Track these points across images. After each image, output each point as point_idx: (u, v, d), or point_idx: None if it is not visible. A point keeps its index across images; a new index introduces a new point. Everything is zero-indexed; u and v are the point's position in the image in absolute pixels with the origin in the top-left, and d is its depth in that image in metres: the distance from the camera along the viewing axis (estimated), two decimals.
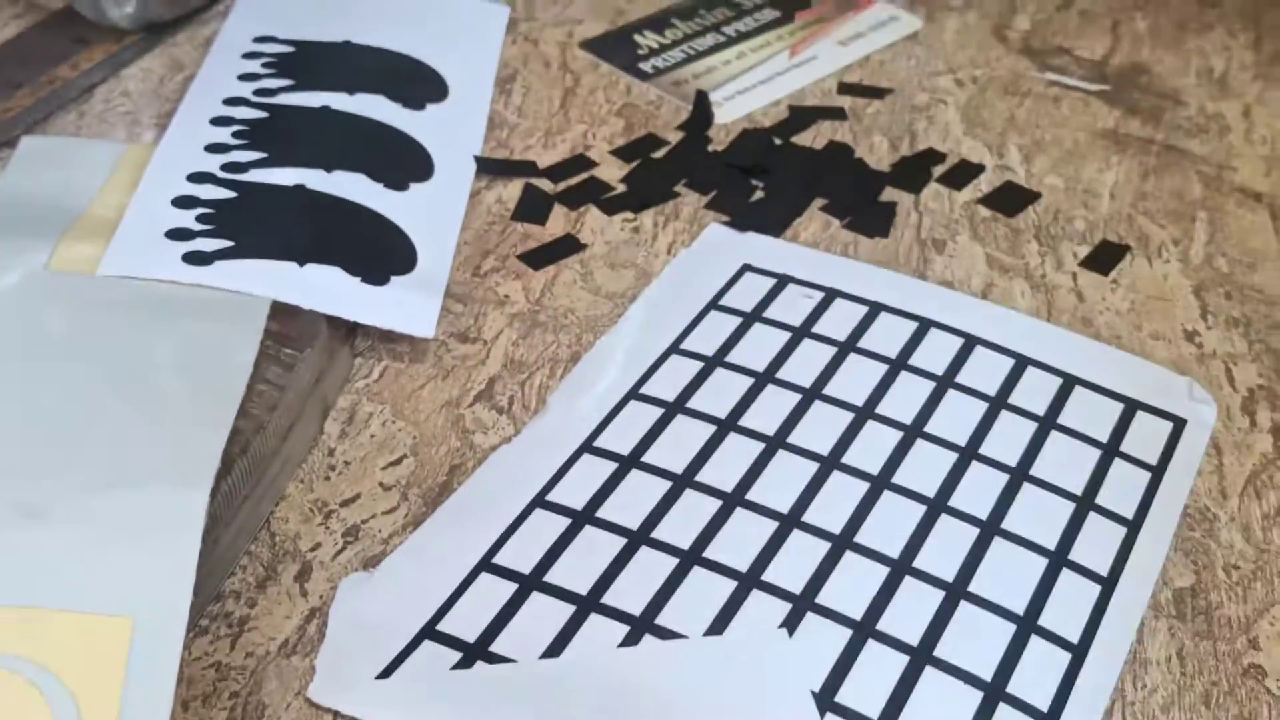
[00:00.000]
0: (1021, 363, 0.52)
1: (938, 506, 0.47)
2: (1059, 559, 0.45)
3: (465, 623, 0.43)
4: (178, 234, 0.52)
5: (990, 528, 0.46)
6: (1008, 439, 0.49)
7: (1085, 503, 0.47)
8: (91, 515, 0.40)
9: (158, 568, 0.39)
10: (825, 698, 0.41)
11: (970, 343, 0.53)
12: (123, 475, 0.42)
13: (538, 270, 0.57)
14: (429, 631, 0.42)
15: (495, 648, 0.42)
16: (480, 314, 0.54)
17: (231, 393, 0.45)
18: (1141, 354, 0.54)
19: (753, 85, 0.68)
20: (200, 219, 0.53)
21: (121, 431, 0.43)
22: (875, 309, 0.54)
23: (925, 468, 0.48)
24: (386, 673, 0.41)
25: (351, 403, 0.50)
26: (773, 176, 0.62)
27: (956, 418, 0.50)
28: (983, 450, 0.49)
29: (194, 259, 0.50)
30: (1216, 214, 0.61)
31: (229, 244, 0.51)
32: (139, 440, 0.43)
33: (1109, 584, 0.45)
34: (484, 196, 0.60)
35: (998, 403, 0.50)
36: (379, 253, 0.53)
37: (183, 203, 0.53)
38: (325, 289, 0.51)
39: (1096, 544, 0.46)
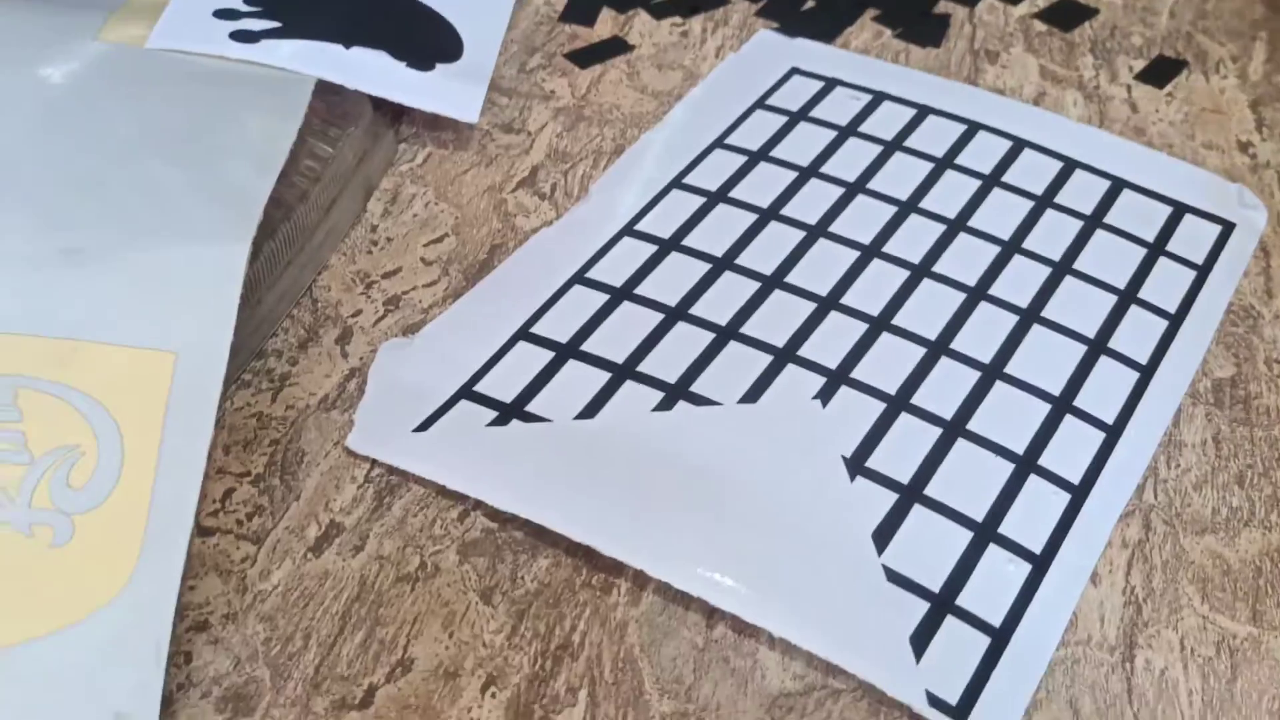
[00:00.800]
0: (1070, 166, 0.52)
1: (978, 294, 0.46)
2: (1098, 346, 0.45)
3: (502, 385, 0.43)
4: (225, 14, 0.52)
5: (1030, 316, 0.46)
6: (1052, 235, 0.49)
7: (1128, 296, 0.47)
8: (136, 261, 0.41)
9: (200, 309, 0.40)
10: (856, 463, 0.41)
11: (1019, 145, 0.52)
12: (167, 228, 0.42)
13: (584, 69, 0.56)
14: (466, 391, 0.43)
15: (531, 408, 0.42)
16: (525, 107, 0.54)
17: (275, 157, 0.45)
18: (1194, 163, 0.53)
19: None
20: (248, 0, 0.52)
21: (166, 189, 0.43)
22: (923, 111, 0.54)
23: (966, 259, 0.48)
24: (423, 427, 0.42)
25: (395, 184, 0.51)
26: None
27: (1001, 214, 0.49)
28: (1026, 244, 0.48)
29: (241, 37, 0.50)
30: (1278, 34, 0.60)
31: (276, 24, 0.51)
32: (183, 198, 0.43)
33: (1147, 372, 0.44)
34: None
35: (1044, 202, 0.50)
36: (425, 39, 0.53)
37: None
38: (371, 71, 0.51)
39: (1136, 335, 0.46)
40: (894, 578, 0.38)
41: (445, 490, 0.40)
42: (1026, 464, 0.41)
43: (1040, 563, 0.39)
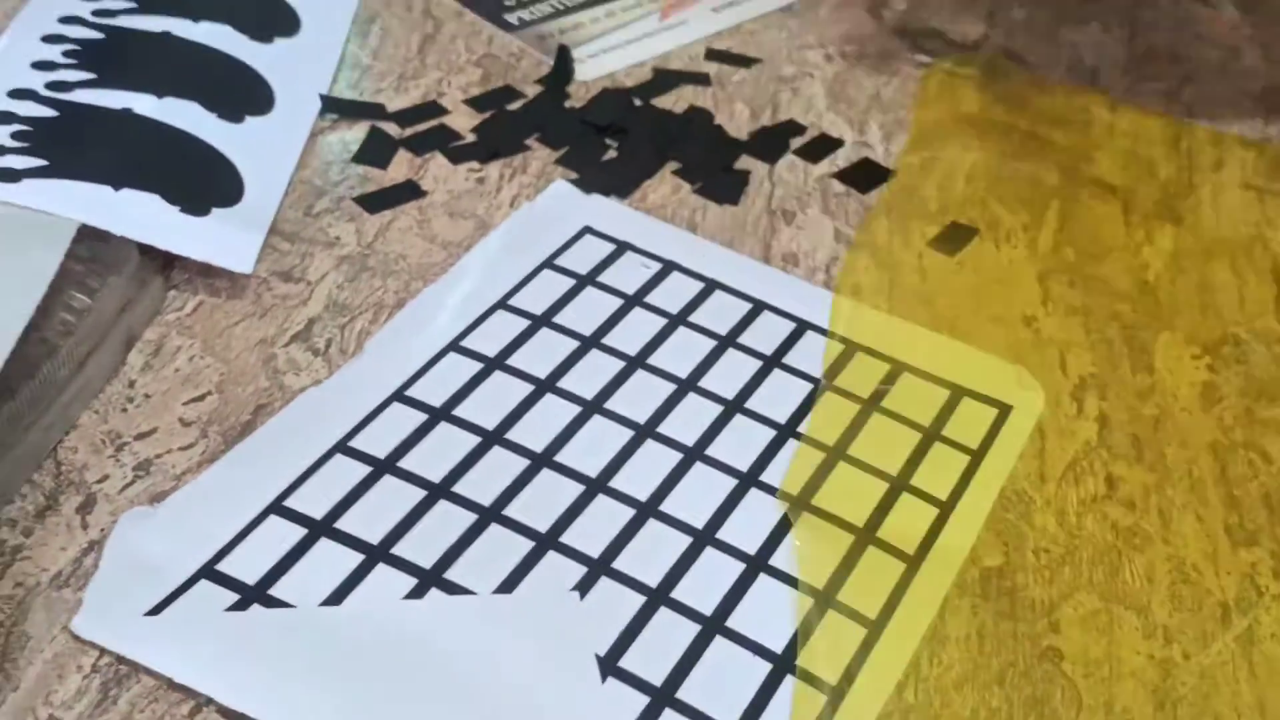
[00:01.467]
0: (851, 349, 0.51)
1: (750, 480, 0.46)
2: (868, 535, 0.44)
3: (246, 565, 0.41)
4: None
5: (800, 504, 0.45)
6: (831, 419, 0.48)
7: (899, 483, 0.46)
8: None
9: None
10: (610, 661, 0.40)
11: (801, 327, 0.52)
12: None
13: (373, 214, 0.55)
14: (207, 571, 0.41)
15: (275, 590, 0.40)
16: (307, 254, 0.53)
17: (19, 313, 0.43)
18: (979, 335, 0.53)
19: (619, 44, 0.67)
20: (15, 135, 0.50)
21: None
22: (711, 286, 0.53)
23: (740, 444, 0.47)
24: (156, 610, 0.40)
25: (160, 335, 0.48)
26: (628, 137, 0.61)
27: (777, 397, 0.49)
28: (801, 428, 0.48)
29: (3, 176, 0.48)
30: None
31: (42, 163, 0.49)
32: None
33: (915, 562, 0.44)
34: (327, 136, 0.58)
35: (823, 384, 0.50)
36: (202, 182, 0.52)
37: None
38: (139, 215, 0.49)
39: (906, 522, 0.45)
40: None
41: (177, 683, 0.38)
42: (785, 662, 0.40)
43: None
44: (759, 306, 0.52)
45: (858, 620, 0.42)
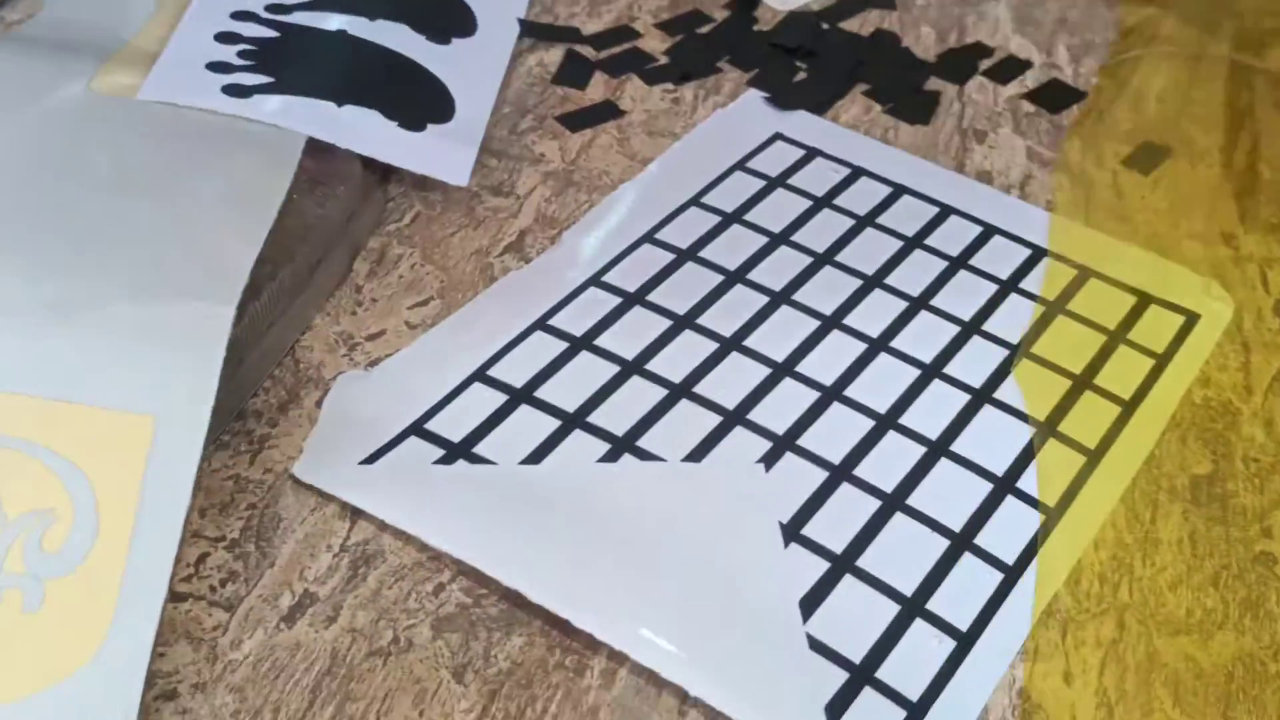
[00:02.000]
0: (1038, 254, 0.52)
1: (932, 371, 0.47)
2: (1048, 429, 0.45)
3: (452, 424, 0.44)
4: (218, 67, 0.51)
5: (982, 396, 0.46)
6: (1011, 317, 0.49)
7: (1082, 381, 0.47)
8: (120, 320, 0.40)
9: (182, 372, 0.39)
10: (792, 529, 0.41)
11: (988, 231, 0.53)
12: (153, 285, 0.42)
13: (575, 133, 0.56)
14: (416, 428, 0.43)
15: (479, 449, 0.43)
16: (515, 170, 0.54)
17: (262, 218, 0.45)
18: (1176, 252, 0.53)
19: None
20: (241, 55, 0.52)
21: (153, 245, 0.43)
22: (899, 190, 0.54)
23: (924, 337, 0.48)
24: (370, 460, 0.42)
25: (382, 244, 0.51)
26: (817, 59, 0.61)
27: (963, 295, 0.50)
28: (986, 326, 0.49)
29: (233, 91, 0.50)
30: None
31: (268, 79, 0.51)
32: (170, 255, 0.43)
33: (1095, 456, 0.45)
34: (525, 59, 0.60)
35: (1008, 285, 0.50)
36: (417, 100, 0.53)
37: (225, 38, 0.53)
38: (361, 130, 0.51)
39: (1087, 421, 0.46)
40: (816, 646, 0.39)
41: (421, 563, 0.40)
42: (962, 542, 0.42)
43: (966, 640, 0.39)
44: (946, 211, 0.53)
45: (1034, 506, 0.43)
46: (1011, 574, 0.41)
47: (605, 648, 0.38)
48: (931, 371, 0.47)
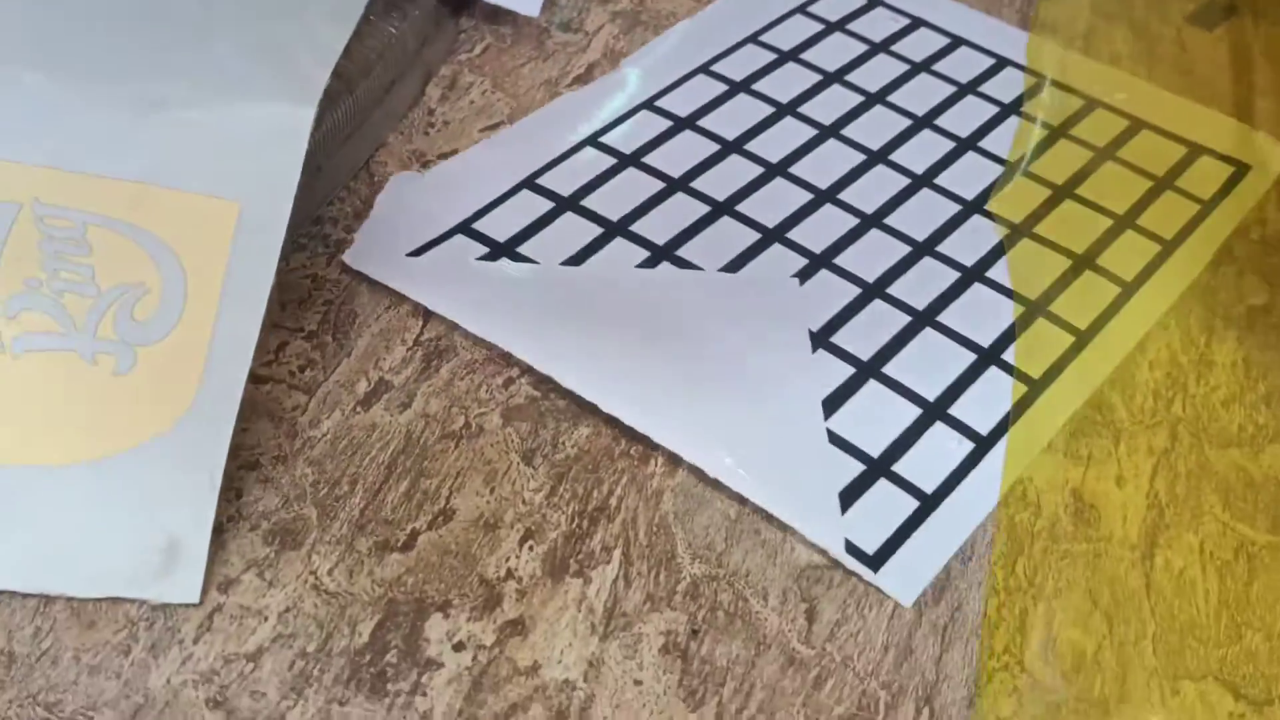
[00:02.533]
0: (1091, 104, 0.53)
1: (973, 207, 0.48)
2: (1084, 262, 0.46)
3: (499, 225, 0.45)
4: None
5: (1021, 230, 0.47)
6: (1059, 161, 0.50)
7: (1126, 221, 0.48)
8: (208, 115, 0.42)
9: (266, 165, 0.41)
10: (821, 337, 0.43)
11: (1041, 82, 0.53)
12: (242, 85, 0.43)
13: None
14: (463, 227, 0.45)
15: (522, 249, 0.44)
16: (584, 8, 0.55)
17: (342, 29, 0.46)
18: (1237, 106, 0.53)
19: None
20: None
21: (240, 53, 0.44)
22: (957, 41, 0.55)
23: (968, 177, 0.49)
24: (417, 252, 0.44)
25: (453, 71, 0.51)
26: None
27: (1010, 139, 0.51)
28: (1031, 168, 0.49)
29: None
30: None
31: None
32: (257, 59, 0.44)
33: (1130, 288, 0.45)
34: None
35: (1058, 132, 0.51)
36: None
37: None
38: None
39: (1128, 256, 0.47)
40: (835, 440, 0.40)
41: (492, 359, 0.42)
42: (989, 356, 0.43)
43: (984, 443, 0.40)
44: (1002, 62, 0.54)
45: (1065, 329, 0.44)
46: (1036, 386, 0.42)
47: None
48: (972, 208, 0.48)
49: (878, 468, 0.39)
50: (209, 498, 0.36)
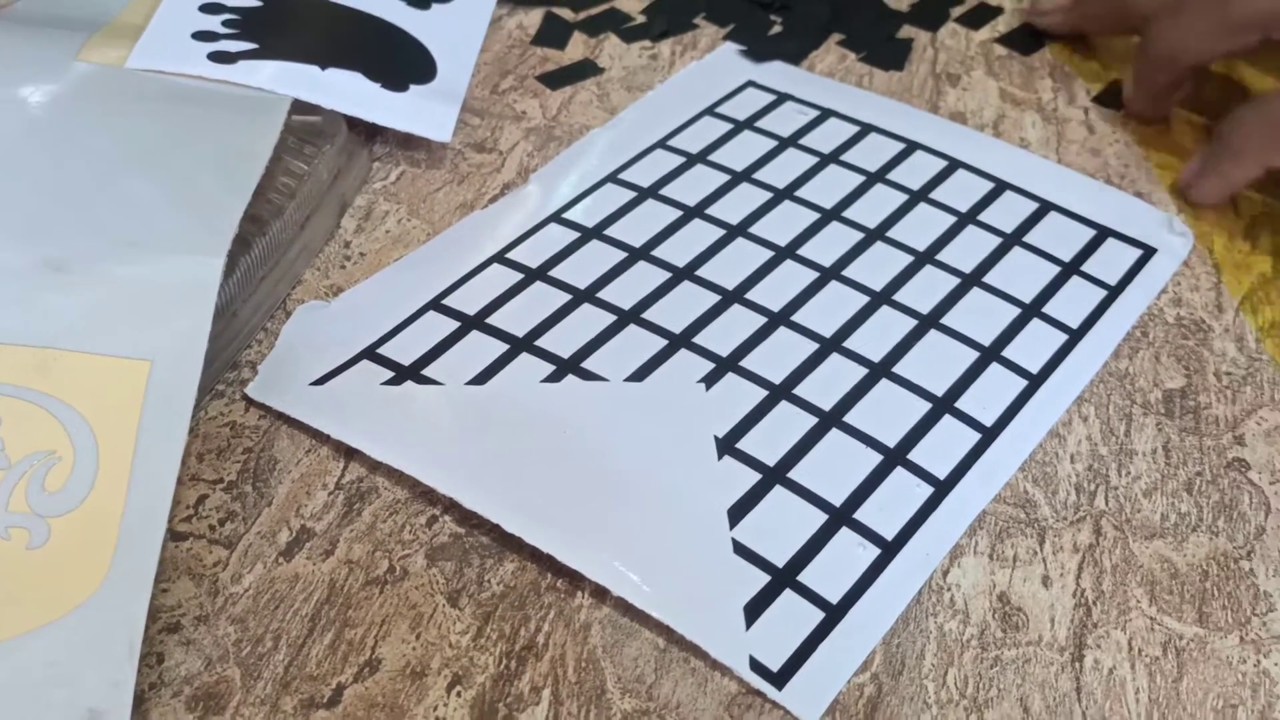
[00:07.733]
0: (1000, 187, 0.53)
1: (881, 299, 0.48)
2: (991, 354, 0.46)
3: (404, 348, 0.45)
4: (204, 35, 0.53)
5: (928, 322, 0.47)
6: (967, 249, 0.50)
7: (1031, 310, 0.48)
8: (115, 272, 0.42)
9: (176, 320, 0.41)
10: (727, 443, 0.43)
11: (953, 165, 0.54)
12: (145, 241, 0.43)
13: (555, 90, 0.58)
14: (369, 353, 0.45)
15: (427, 371, 0.45)
16: (497, 127, 0.55)
17: (251, 174, 0.46)
18: (1148, 184, 0.54)
19: None
20: (226, 24, 0.54)
21: (145, 204, 0.44)
22: (866, 129, 0.55)
23: (876, 266, 0.49)
24: (320, 381, 0.44)
25: (369, 201, 0.52)
26: (792, 12, 0.62)
27: (921, 227, 0.51)
28: (939, 256, 0.50)
29: (219, 58, 0.52)
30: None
31: (253, 45, 0.53)
32: (161, 212, 0.44)
33: (1036, 380, 0.46)
34: (505, 23, 0.61)
35: (966, 218, 0.52)
36: (399, 62, 0.55)
37: (210, 9, 0.54)
38: (345, 91, 0.52)
39: (1032, 346, 0.47)
40: (741, 550, 0.40)
41: (414, 498, 0.41)
42: (895, 457, 0.43)
43: (890, 549, 0.40)
44: (911, 146, 0.55)
45: (972, 426, 0.44)
46: (942, 487, 0.42)
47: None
48: (880, 299, 0.48)
49: (783, 578, 0.39)
50: (128, 668, 0.35)
